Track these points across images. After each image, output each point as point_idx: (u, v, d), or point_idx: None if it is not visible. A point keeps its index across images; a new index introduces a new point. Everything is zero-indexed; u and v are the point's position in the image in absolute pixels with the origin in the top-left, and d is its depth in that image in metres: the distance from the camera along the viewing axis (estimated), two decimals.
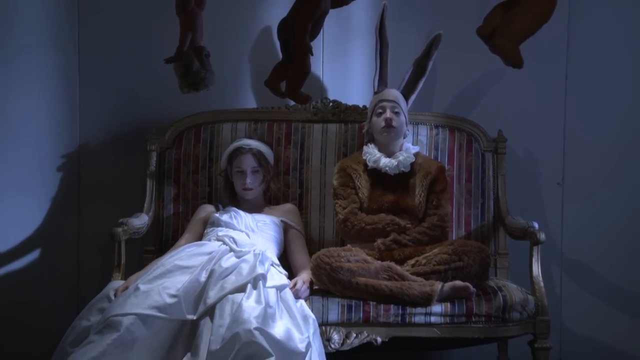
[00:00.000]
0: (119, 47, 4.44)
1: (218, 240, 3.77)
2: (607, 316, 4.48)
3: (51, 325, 4.00)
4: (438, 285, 3.64)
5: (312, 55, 3.87)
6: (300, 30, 3.82)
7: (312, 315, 3.56)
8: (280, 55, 4.00)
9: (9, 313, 4.33)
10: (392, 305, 3.65)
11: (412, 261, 3.81)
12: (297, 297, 3.62)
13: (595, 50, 4.46)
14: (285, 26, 3.92)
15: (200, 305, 3.46)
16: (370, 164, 4.00)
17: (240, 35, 4.43)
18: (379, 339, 3.64)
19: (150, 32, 4.35)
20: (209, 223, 3.97)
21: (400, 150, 4.04)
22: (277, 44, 4.10)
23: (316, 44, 4.14)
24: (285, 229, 4.03)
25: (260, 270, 3.53)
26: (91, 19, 4.41)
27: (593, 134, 4.48)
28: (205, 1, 3.83)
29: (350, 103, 4.35)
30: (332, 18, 4.12)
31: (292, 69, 3.98)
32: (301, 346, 3.37)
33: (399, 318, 3.64)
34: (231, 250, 3.69)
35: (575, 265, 4.50)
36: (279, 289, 3.56)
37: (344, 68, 4.52)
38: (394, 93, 4.09)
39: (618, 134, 4.49)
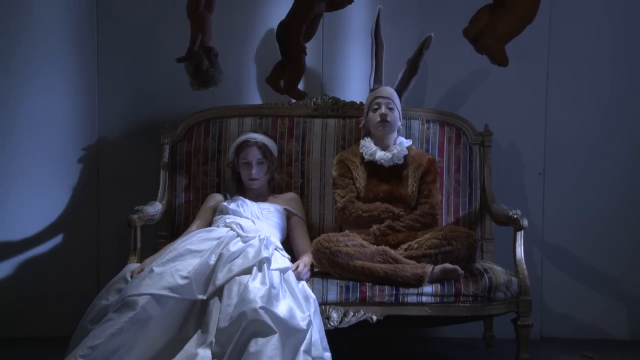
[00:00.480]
0: (134, 49, 4.43)
1: (226, 226, 3.77)
2: (585, 296, 4.48)
3: (72, 304, 3.99)
4: (429, 268, 3.64)
5: (305, 55, 3.86)
6: (294, 31, 3.82)
7: (312, 296, 3.58)
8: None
9: (34, 293, 4.35)
10: (386, 286, 3.65)
11: (405, 245, 3.81)
12: (299, 278, 3.62)
13: (575, 50, 4.46)
14: (282, 28, 3.92)
15: (209, 286, 3.47)
16: (366, 157, 4.00)
17: (246, 37, 4.43)
18: (375, 317, 3.64)
19: (163, 34, 4.34)
20: (218, 211, 3.97)
21: (394, 143, 4.03)
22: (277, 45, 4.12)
23: (316, 44, 4.16)
24: (288, 216, 4.03)
25: (265, 254, 3.53)
26: (108, 23, 4.41)
27: (572, 128, 4.48)
28: (214, 5, 3.83)
29: (348, 99, 4.33)
30: (331, 20, 4.13)
31: (288, 68, 3.97)
32: (303, 324, 3.39)
33: (393, 298, 3.64)
34: (238, 235, 3.69)
35: (555, 249, 4.50)
36: (282, 271, 3.56)
37: (342, 67, 4.51)
38: (389, 90, 4.08)
39: (595, 129, 4.48)
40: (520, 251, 3.81)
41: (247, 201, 3.96)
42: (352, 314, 3.64)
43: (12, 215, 4.37)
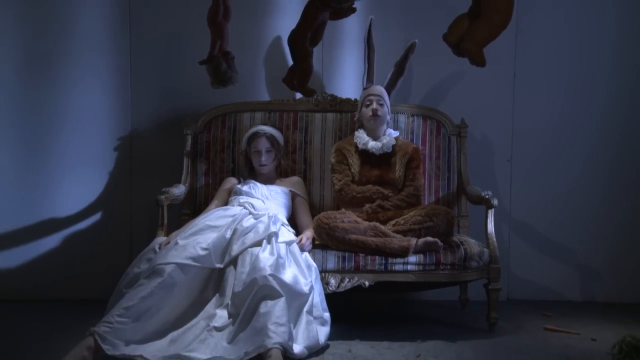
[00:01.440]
0: (162, 52, 4.42)
1: (240, 205, 3.78)
2: (545, 264, 4.49)
3: (110, 272, 4.00)
4: (413, 241, 3.66)
5: (311, 57, 3.85)
6: (300, 38, 3.81)
7: (314, 264, 3.59)
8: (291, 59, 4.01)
9: (77, 262, 4.36)
10: (377, 257, 3.66)
11: (393, 222, 3.81)
12: (302, 250, 3.64)
13: (537, 54, 4.45)
14: (291, 35, 3.91)
15: (226, 256, 3.49)
16: (360, 146, 4.00)
17: (257, 43, 4.42)
18: (367, 283, 3.65)
19: (187, 40, 4.32)
20: (233, 192, 3.97)
21: (384, 134, 4.03)
22: (286, 49, 4.13)
23: (317, 49, 4.13)
24: (293, 196, 4.03)
25: (273, 229, 3.55)
26: (139, 30, 4.40)
27: (536, 121, 4.48)
28: (231, 15, 3.83)
29: (344, 97, 4.33)
30: (330, 28, 4.09)
31: (298, 69, 3.96)
32: (306, 288, 3.41)
33: (383, 266, 3.66)
34: (250, 213, 3.70)
35: (521, 224, 4.50)
36: (288, 243, 3.58)
37: (339, 68, 4.49)
38: (379, 89, 4.08)
39: (555, 121, 4.48)
40: (491, 226, 3.82)
41: (258, 184, 3.96)
42: (347, 280, 3.65)
43: (58, 196, 4.37)
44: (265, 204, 3.83)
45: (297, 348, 3.23)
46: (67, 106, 4.36)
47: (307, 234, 3.78)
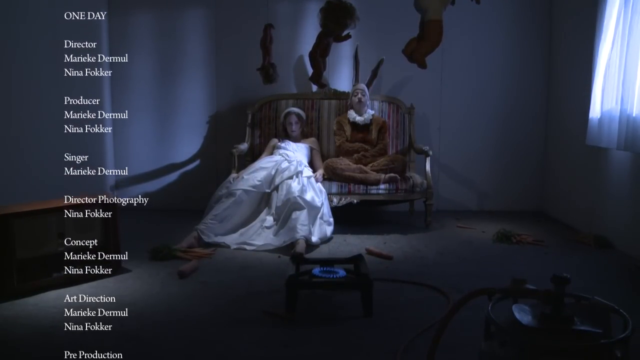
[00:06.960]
0: (235, 64, 4.22)
1: (279, 155, 3.66)
2: (458, 189, 4.33)
3: (205, 194, 3.90)
4: (382, 176, 3.56)
5: (320, 65, 3.63)
6: (314, 52, 3.62)
7: (323, 190, 3.51)
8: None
9: (186, 190, 4.28)
10: (361, 185, 3.56)
11: (370, 165, 3.70)
12: (317, 181, 3.54)
13: (456, 65, 4.21)
14: (310, 53, 3.69)
15: (271, 185, 3.41)
16: (351, 119, 3.86)
17: (289, 58, 4.21)
18: (355, 201, 3.56)
19: (249, 56, 4.09)
20: (275, 147, 3.85)
21: (365, 112, 3.88)
22: (307, 63, 3.89)
23: (327, 60, 3.90)
24: (311, 149, 3.90)
25: (299, 168, 3.47)
26: (221, 51, 4.20)
27: (454, 105, 4.27)
28: (273, 41, 3.63)
29: (341, 90, 4.14)
30: (335, 49, 3.89)
31: (314, 70, 3.77)
32: (319, 204, 3.34)
33: (364, 191, 3.56)
34: (286, 159, 3.58)
35: (445, 166, 4.35)
36: (308, 177, 3.50)
37: (339, 73, 4.27)
38: (362, 85, 3.91)
39: (466, 105, 4.26)
40: (428, 167, 3.69)
41: (290, 142, 3.83)
42: (343, 199, 3.55)
43: (176, 149, 4.26)
44: (294, 154, 3.71)
45: (314, 239, 3.17)
46: (181, 97, 4.22)
47: (320, 172, 3.67)
